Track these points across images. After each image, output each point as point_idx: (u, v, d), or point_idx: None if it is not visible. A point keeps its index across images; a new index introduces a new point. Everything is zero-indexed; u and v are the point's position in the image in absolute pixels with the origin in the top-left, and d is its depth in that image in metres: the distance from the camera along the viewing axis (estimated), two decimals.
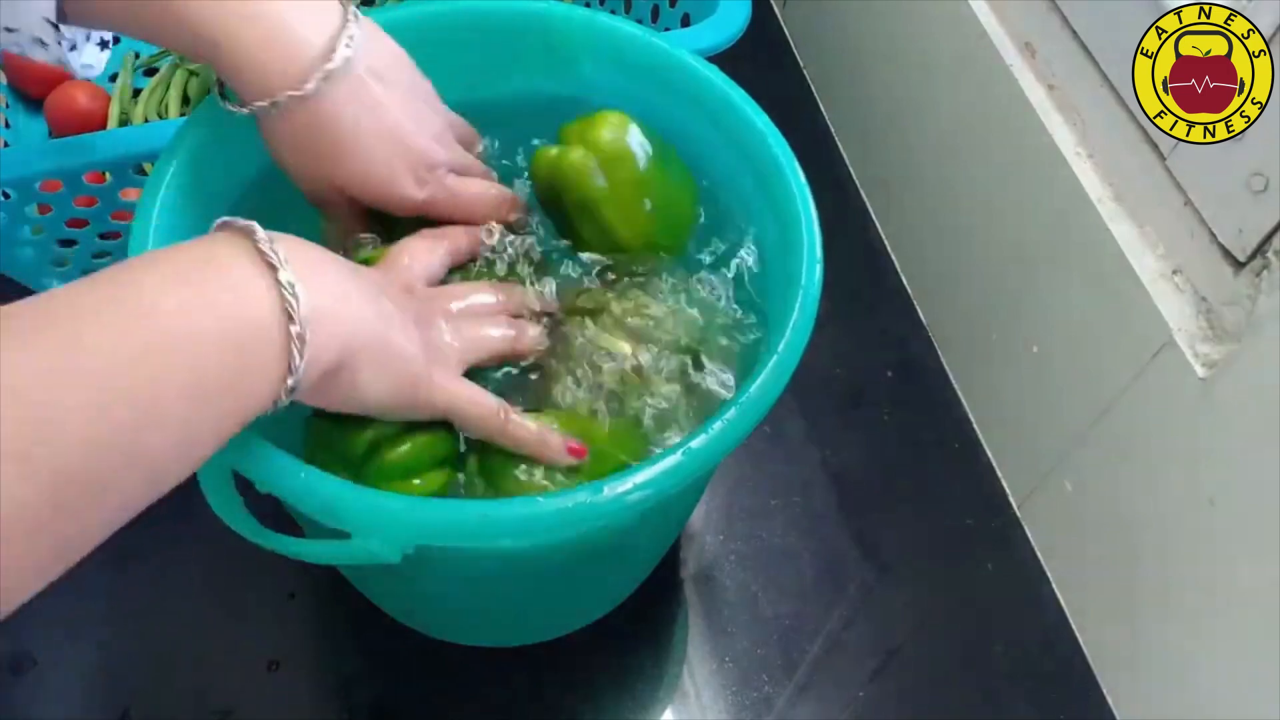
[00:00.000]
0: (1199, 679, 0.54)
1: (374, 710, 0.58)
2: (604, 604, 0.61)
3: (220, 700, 0.57)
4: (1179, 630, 0.55)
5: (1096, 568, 0.61)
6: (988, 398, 0.71)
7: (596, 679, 0.60)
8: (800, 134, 0.53)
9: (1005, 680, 0.62)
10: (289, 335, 0.37)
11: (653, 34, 0.56)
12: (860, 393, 0.73)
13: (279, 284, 0.37)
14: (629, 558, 0.59)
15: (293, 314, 0.37)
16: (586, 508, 0.40)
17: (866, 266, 0.80)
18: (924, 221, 0.76)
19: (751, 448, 0.69)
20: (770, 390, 0.44)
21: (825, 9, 0.88)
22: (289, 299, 0.37)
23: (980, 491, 0.69)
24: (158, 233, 0.47)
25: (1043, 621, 0.64)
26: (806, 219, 0.49)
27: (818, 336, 0.46)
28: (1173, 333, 0.52)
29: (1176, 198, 0.53)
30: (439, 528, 0.40)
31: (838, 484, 0.69)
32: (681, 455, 0.41)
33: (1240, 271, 0.50)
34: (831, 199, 0.82)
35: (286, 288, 0.37)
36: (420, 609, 0.60)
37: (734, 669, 0.61)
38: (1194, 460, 0.52)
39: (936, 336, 0.76)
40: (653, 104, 0.56)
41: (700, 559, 0.65)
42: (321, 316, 0.38)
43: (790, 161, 0.51)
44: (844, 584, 0.65)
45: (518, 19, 0.57)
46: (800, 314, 0.46)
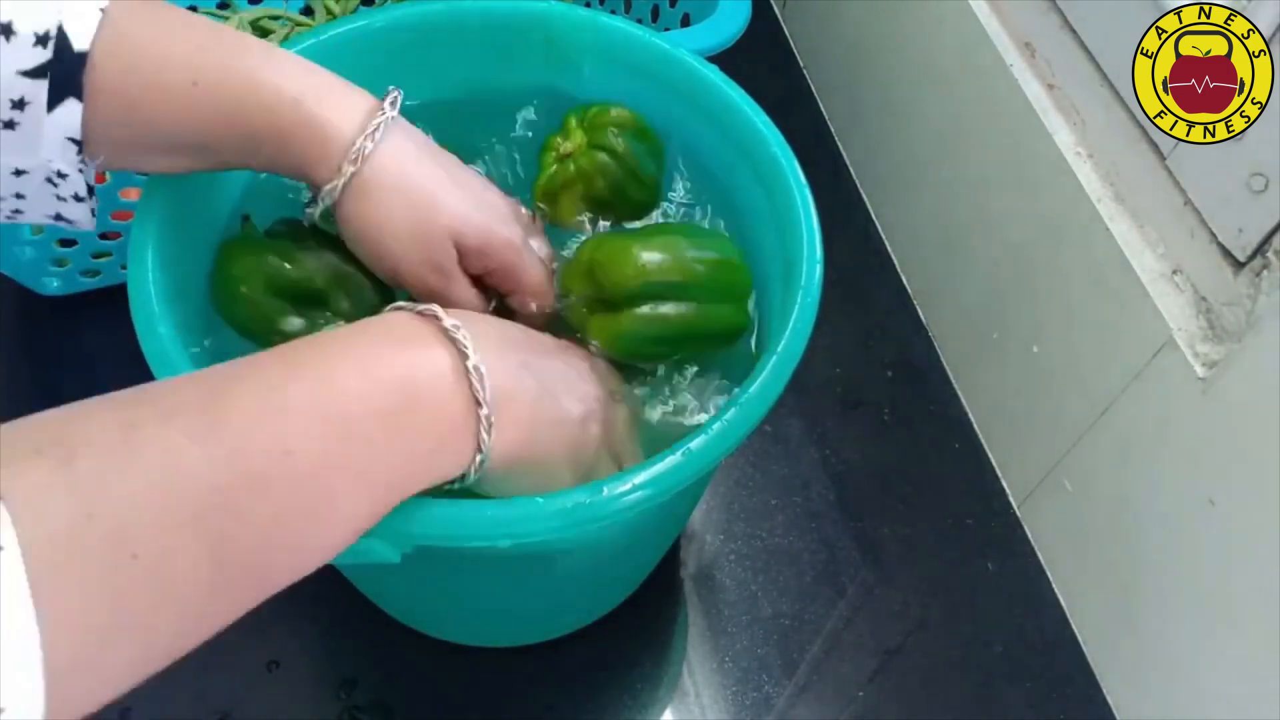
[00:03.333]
0: (1199, 679, 0.54)
1: (374, 710, 0.58)
2: (604, 604, 0.61)
3: (220, 700, 0.57)
4: (1179, 630, 0.55)
5: (1096, 567, 0.61)
6: (988, 398, 0.71)
7: (596, 679, 0.60)
8: (800, 134, 0.53)
9: (1005, 680, 0.62)
10: (478, 419, 0.39)
11: (653, 34, 0.56)
12: (860, 393, 0.73)
13: (468, 370, 0.39)
14: (629, 558, 0.59)
15: (480, 399, 0.39)
16: (586, 508, 0.40)
17: (866, 266, 0.80)
18: (924, 221, 0.76)
19: (751, 448, 0.69)
20: (770, 390, 0.44)
21: (825, 9, 0.88)
22: (477, 387, 0.39)
23: (980, 491, 0.69)
24: (157, 233, 0.47)
25: (1043, 621, 0.64)
26: (806, 219, 0.49)
27: (818, 336, 0.46)
28: (1173, 332, 0.52)
29: (1176, 198, 0.53)
30: (439, 528, 0.40)
31: (838, 484, 0.69)
32: (681, 456, 0.41)
33: (1240, 271, 0.50)
34: (831, 199, 0.82)
35: (474, 373, 0.39)
36: (420, 609, 0.60)
37: (734, 669, 0.61)
38: (1194, 460, 0.52)
39: (936, 336, 0.76)
40: (653, 104, 0.56)
41: (700, 559, 0.65)
42: (502, 397, 0.40)
43: (790, 161, 0.51)
44: (844, 584, 0.65)
45: (518, 18, 0.57)
46: (800, 314, 0.46)
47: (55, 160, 0.41)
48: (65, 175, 0.42)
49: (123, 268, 0.69)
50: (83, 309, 0.71)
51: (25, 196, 0.43)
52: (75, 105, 0.40)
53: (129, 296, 0.44)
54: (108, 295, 0.71)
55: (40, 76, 0.39)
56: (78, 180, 0.42)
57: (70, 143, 0.41)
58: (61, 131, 0.41)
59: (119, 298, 0.44)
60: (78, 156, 0.42)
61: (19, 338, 0.70)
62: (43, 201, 0.43)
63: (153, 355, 0.43)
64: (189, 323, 0.47)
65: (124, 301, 0.44)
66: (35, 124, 0.40)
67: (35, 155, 0.41)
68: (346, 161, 0.45)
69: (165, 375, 0.42)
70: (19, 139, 0.40)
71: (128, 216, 0.66)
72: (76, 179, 0.42)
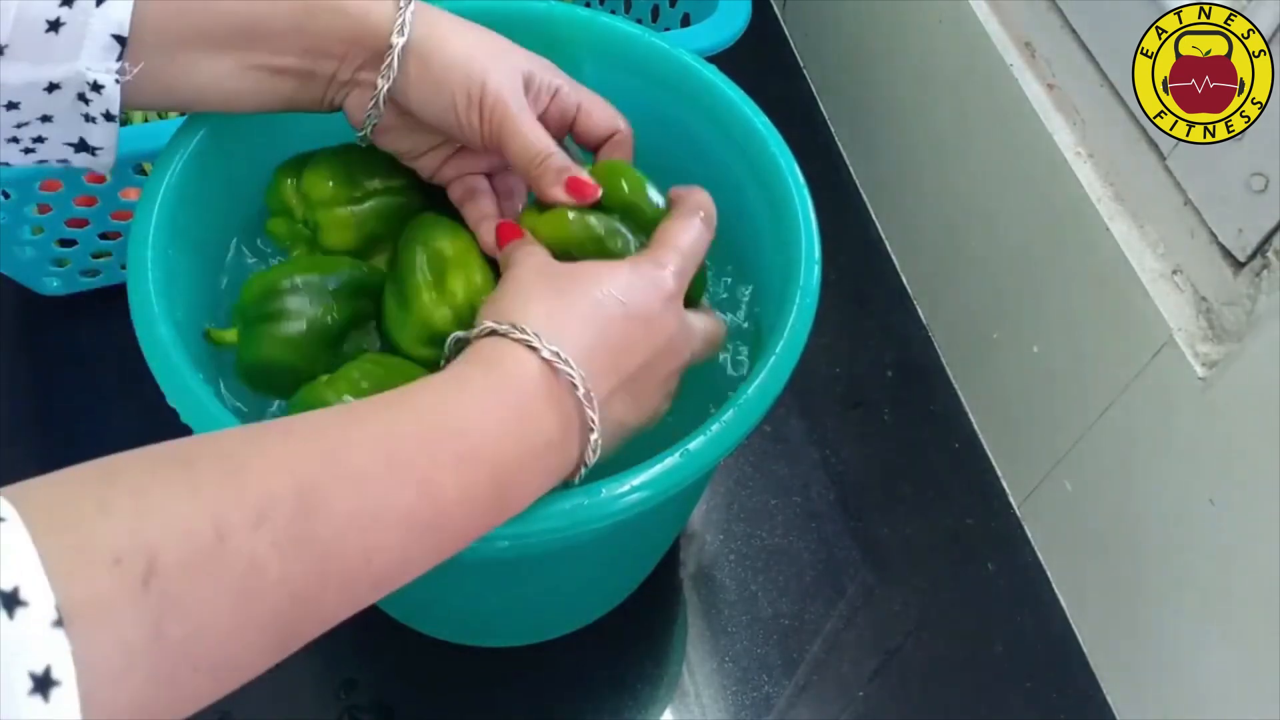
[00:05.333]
0: (1199, 679, 0.54)
1: (374, 710, 0.58)
2: (604, 604, 0.61)
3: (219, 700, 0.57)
4: (1179, 630, 0.55)
5: (1096, 568, 0.61)
6: (988, 398, 0.71)
7: (596, 679, 0.60)
8: (800, 134, 0.53)
9: (1005, 680, 0.62)
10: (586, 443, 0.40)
11: (653, 34, 0.56)
12: (860, 393, 0.73)
13: (580, 401, 0.39)
14: (629, 558, 0.59)
15: (593, 425, 0.39)
16: (584, 509, 0.40)
17: (866, 266, 0.80)
18: (924, 221, 0.76)
19: (751, 448, 0.69)
20: (769, 390, 0.44)
21: (825, 9, 0.88)
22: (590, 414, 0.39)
23: (980, 491, 0.69)
24: (157, 233, 0.47)
25: (1043, 621, 0.64)
26: (806, 219, 0.49)
27: (818, 336, 0.46)
28: (1173, 333, 0.52)
29: (1176, 198, 0.53)
30: None
31: (838, 484, 0.69)
32: (680, 457, 0.41)
33: (1240, 271, 0.50)
34: (831, 199, 0.82)
35: (586, 402, 0.39)
36: (420, 609, 0.60)
37: (734, 669, 0.61)
38: (1194, 460, 0.52)
39: (936, 336, 0.76)
40: (653, 104, 0.56)
41: (700, 559, 0.65)
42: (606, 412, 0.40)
43: (790, 162, 0.51)
44: (844, 584, 0.65)
45: (519, 19, 0.57)
46: (800, 314, 0.46)
47: (94, 67, 0.41)
48: (100, 87, 0.42)
49: (123, 268, 0.68)
50: (83, 309, 0.71)
51: (52, 118, 0.42)
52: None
53: (129, 296, 0.44)
54: (108, 295, 0.71)
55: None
56: (113, 93, 0.42)
57: (114, 42, 0.41)
58: (108, 27, 0.41)
59: (119, 298, 0.44)
60: (118, 61, 0.41)
61: (19, 338, 0.70)
62: (69, 124, 0.43)
63: (153, 355, 0.43)
64: (189, 323, 0.47)
65: (124, 301, 0.44)
66: (82, 22, 0.40)
67: (75, 61, 0.41)
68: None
69: (165, 375, 0.42)
70: (61, 42, 0.40)
71: (128, 216, 0.66)
72: (112, 91, 0.42)
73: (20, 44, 0.40)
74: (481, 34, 0.48)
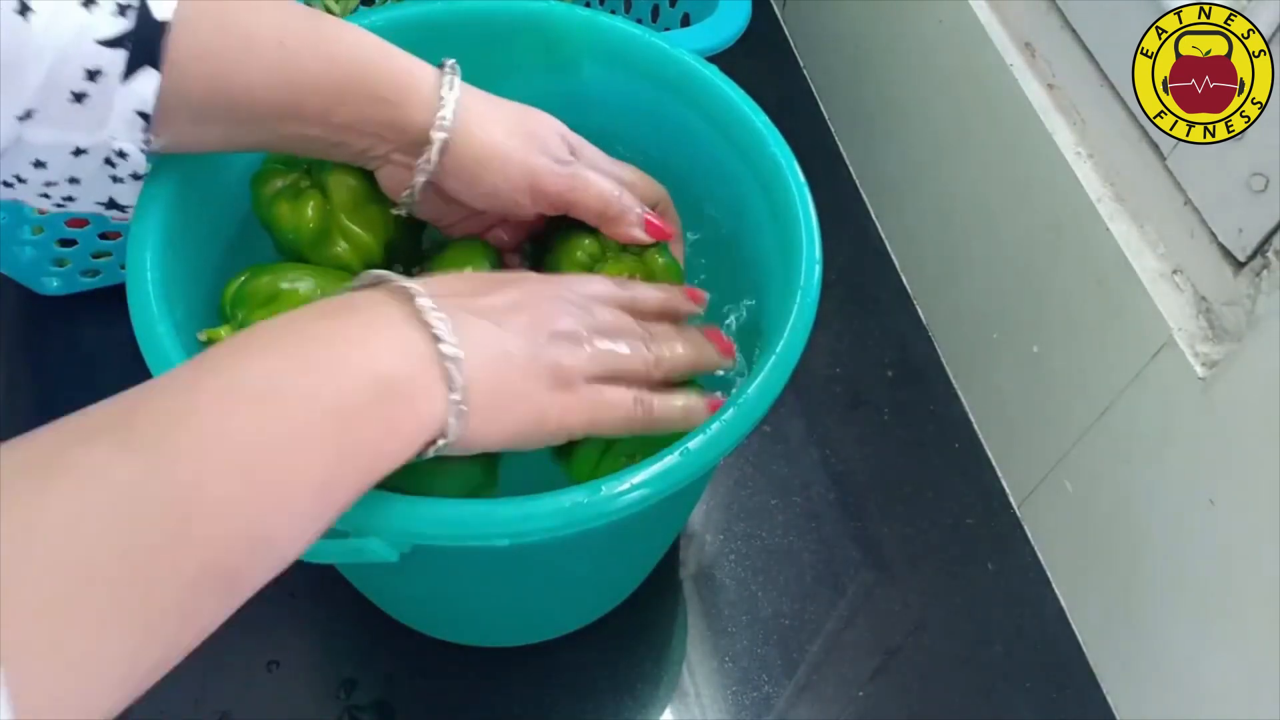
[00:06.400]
0: (1199, 679, 0.54)
1: (374, 710, 0.58)
2: (604, 604, 0.61)
3: (220, 700, 0.57)
4: (1179, 630, 0.55)
5: (1096, 568, 0.61)
6: (988, 398, 0.71)
7: (596, 679, 0.60)
8: (800, 134, 0.53)
9: (1005, 680, 0.62)
10: (446, 404, 0.38)
11: (653, 34, 0.56)
12: (860, 393, 0.73)
13: (441, 355, 0.38)
14: (629, 558, 0.59)
15: (453, 385, 0.38)
16: (584, 508, 0.40)
17: (866, 266, 0.80)
18: (924, 221, 0.76)
19: (751, 448, 0.69)
20: (770, 390, 0.44)
21: (825, 9, 0.88)
22: (452, 373, 0.38)
23: (980, 491, 0.69)
24: (157, 233, 0.47)
25: (1043, 621, 0.64)
26: (806, 219, 0.49)
27: (818, 336, 0.46)
28: (1173, 333, 0.52)
29: (1176, 198, 0.53)
30: (437, 527, 0.40)
31: (838, 484, 0.69)
32: (679, 456, 0.41)
33: (1240, 271, 0.50)
34: (831, 199, 0.82)
35: (452, 360, 0.38)
36: (420, 609, 0.60)
37: (734, 669, 0.61)
38: (1194, 460, 0.52)
39: (936, 336, 0.76)
40: (653, 104, 0.56)
41: (700, 559, 0.65)
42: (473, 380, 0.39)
43: (790, 162, 0.51)
44: (844, 584, 0.65)
45: (518, 19, 0.57)
46: (800, 314, 0.46)
47: (119, 137, 0.41)
48: (126, 155, 0.42)
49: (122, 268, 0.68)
50: (83, 309, 0.71)
51: (80, 181, 0.42)
52: (152, 75, 0.40)
53: (128, 296, 0.44)
54: (108, 295, 0.71)
55: (118, 46, 0.39)
56: (138, 159, 0.42)
57: (138, 117, 0.41)
58: (133, 104, 0.40)
59: (119, 298, 0.44)
60: (143, 133, 0.41)
61: (19, 338, 0.70)
62: (97, 185, 0.43)
63: (152, 355, 0.43)
64: (188, 322, 0.47)
65: (124, 301, 0.44)
66: (107, 96, 0.40)
67: (100, 131, 0.40)
68: (444, 87, 0.46)
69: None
70: (86, 113, 0.40)
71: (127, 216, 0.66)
72: (138, 157, 0.42)
73: (47, 110, 0.39)
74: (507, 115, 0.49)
